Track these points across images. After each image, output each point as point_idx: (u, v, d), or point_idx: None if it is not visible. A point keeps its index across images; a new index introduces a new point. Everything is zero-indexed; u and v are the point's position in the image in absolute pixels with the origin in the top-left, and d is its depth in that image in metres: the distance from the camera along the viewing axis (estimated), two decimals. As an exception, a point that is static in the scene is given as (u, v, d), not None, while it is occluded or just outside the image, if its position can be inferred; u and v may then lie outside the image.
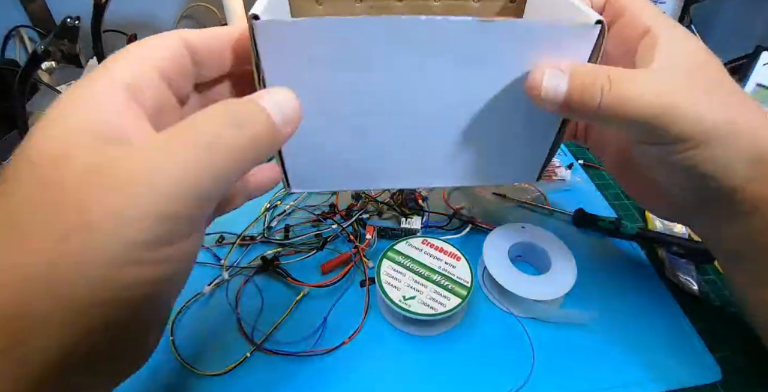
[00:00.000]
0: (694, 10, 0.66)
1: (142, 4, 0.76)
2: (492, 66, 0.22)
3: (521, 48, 0.22)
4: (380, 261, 0.29)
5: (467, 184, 0.27)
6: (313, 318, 0.29)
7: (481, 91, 0.24)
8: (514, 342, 0.28)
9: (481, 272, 0.32)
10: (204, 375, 0.26)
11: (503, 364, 0.27)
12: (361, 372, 0.26)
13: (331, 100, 0.22)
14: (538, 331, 0.28)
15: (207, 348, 0.28)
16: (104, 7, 0.42)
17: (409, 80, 0.23)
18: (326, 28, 0.20)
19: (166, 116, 0.18)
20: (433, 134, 0.25)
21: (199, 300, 0.30)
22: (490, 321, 0.29)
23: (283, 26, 0.19)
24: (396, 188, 0.28)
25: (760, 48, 0.55)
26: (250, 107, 0.16)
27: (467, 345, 0.28)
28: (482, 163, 0.27)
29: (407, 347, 0.28)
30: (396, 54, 0.21)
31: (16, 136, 0.47)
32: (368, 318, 0.29)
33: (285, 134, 0.18)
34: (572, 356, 0.27)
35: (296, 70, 0.21)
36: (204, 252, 0.34)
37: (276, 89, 0.18)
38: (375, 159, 0.26)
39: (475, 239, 0.34)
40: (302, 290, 0.30)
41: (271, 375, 0.26)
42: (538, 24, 0.21)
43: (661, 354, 0.27)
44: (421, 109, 0.24)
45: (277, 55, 0.20)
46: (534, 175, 0.28)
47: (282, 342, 0.28)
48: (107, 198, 0.12)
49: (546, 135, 0.26)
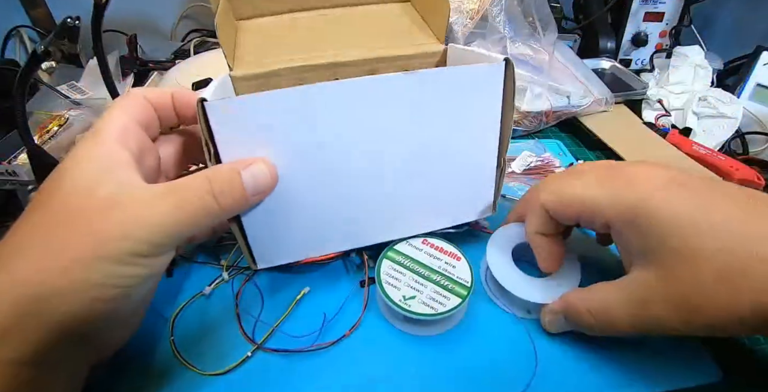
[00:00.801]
0: (694, 10, 0.66)
1: (142, 4, 0.76)
2: (426, 112, 0.25)
3: (449, 91, 0.25)
4: (380, 261, 0.29)
5: (430, 230, 0.30)
6: (313, 316, 0.29)
7: (423, 137, 0.26)
8: (515, 342, 0.28)
9: (483, 273, 0.32)
10: (205, 374, 0.26)
11: (505, 365, 0.27)
12: (359, 371, 0.26)
13: (284, 168, 0.24)
14: (540, 331, 0.28)
15: (207, 347, 0.27)
16: (104, 7, 0.41)
17: (356, 139, 0.25)
18: (269, 100, 0.22)
19: (147, 153, 0.25)
20: (389, 187, 0.27)
21: (199, 300, 0.30)
22: (491, 321, 0.29)
23: (228, 103, 0.22)
24: (364, 245, 0.29)
25: (760, 48, 0.55)
26: (231, 179, 0.22)
27: (468, 345, 0.28)
28: (439, 207, 0.29)
29: (407, 347, 0.28)
30: (337, 116, 0.24)
31: (16, 136, 0.47)
32: (367, 317, 0.29)
33: (253, 203, 0.23)
34: (573, 356, 0.27)
35: (246, 143, 0.23)
36: (204, 253, 0.34)
37: (255, 163, 0.22)
38: (338, 222, 0.27)
39: (475, 239, 0.34)
40: (302, 290, 0.30)
41: (272, 374, 0.26)
42: (461, 68, 0.25)
43: (661, 354, 0.27)
44: (371, 165, 0.26)
45: (227, 130, 0.22)
46: (490, 209, 0.31)
47: (282, 340, 0.28)
48: (117, 226, 0.20)
49: (489, 173, 0.29)
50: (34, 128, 0.50)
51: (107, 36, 0.45)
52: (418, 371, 0.26)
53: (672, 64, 0.59)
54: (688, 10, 0.65)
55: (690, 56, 0.58)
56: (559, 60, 0.54)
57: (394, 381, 0.26)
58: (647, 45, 0.66)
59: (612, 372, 0.26)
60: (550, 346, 0.27)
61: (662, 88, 0.57)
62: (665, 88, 0.57)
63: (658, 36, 0.66)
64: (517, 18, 0.49)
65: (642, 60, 0.67)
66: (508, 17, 0.49)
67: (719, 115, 0.50)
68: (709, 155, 0.46)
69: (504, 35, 0.49)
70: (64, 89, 0.55)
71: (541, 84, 0.47)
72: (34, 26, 0.71)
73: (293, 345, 0.27)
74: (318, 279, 0.31)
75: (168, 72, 0.62)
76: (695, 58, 0.58)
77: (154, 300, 0.28)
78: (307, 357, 0.27)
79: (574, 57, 0.57)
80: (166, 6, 0.78)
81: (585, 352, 0.27)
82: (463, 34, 0.49)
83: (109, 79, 0.46)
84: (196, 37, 0.75)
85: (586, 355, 0.27)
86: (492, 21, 0.49)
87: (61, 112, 0.52)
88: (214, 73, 0.57)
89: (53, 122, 0.50)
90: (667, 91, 0.57)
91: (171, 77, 0.59)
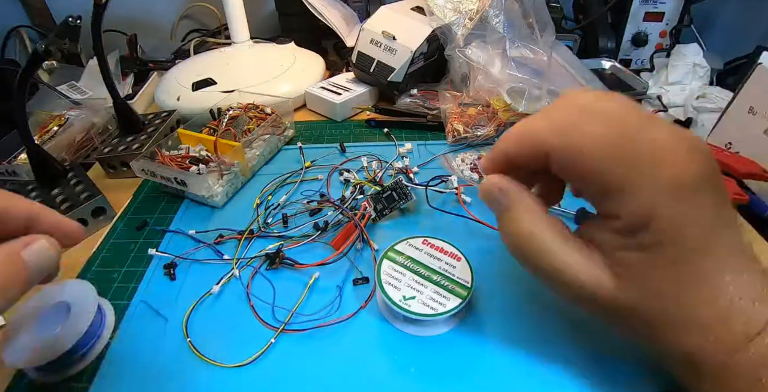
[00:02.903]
0: (694, 10, 0.66)
1: (142, 4, 0.76)
2: None
3: None
4: (380, 261, 0.29)
5: None
6: (326, 295, 0.31)
7: None
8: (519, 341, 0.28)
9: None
10: (229, 367, 0.27)
11: (503, 364, 0.27)
12: (357, 371, 0.26)
13: None
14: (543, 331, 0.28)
15: (227, 341, 0.28)
16: (104, 7, 0.42)
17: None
18: None
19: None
20: None
21: (208, 299, 0.31)
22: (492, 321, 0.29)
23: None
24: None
25: (760, 48, 0.55)
26: (11, 263, 0.19)
27: (468, 346, 0.28)
28: None
29: (406, 347, 0.28)
30: None
31: (16, 136, 0.47)
32: (364, 315, 0.29)
33: (36, 281, 0.20)
34: (574, 356, 0.27)
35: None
36: (206, 250, 0.35)
37: (36, 241, 0.20)
38: None
39: (475, 239, 0.34)
40: (313, 274, 0.31)
41: (296, 355, 0.27)
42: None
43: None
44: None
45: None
46: None
47: (300, 321, 0.29)
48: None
49: None
50: (34, 128, 0.50)
51: (107, 36, 0.45)
52: (417, 371, 0.26)
53: (671, 63, 0.59)
54: (688, 10, 0.65)
55: (689, 55, 0.58)
56: (558, 61, 0.54)
57: (392, 381, 0.26)
58: (647, 45, 0.66)
59: (611, 371, 0.26)
60: (551, 347, 0.27)
61: (661, 87, 0.58)
62: (664, 87, 0.57)
63: (658, 36, 0.66)
64: (516, 19, 0.49)
65: (642, 60, 0.67)
66: (508, 18, 0.49)
67: (718, 110, 0.50)
68: (714, 150, 0.45)
69: (503, 36, 0.49)
70: (64, 89, 0.55)
71: (539, 86, 0.47)
72: (34, 26, 0.71)
73: (311, 323, 0.29)
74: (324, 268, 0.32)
75: (168, 72, 0.62)
76: (694, 58, 0.58)
77: (162, 305, 0.29)
78: (325, 330, 0.29)
79: (573, 58, 0.57)
80: (166, 6, 0.78)
81: (585, 352, 0.27)
82: (462, 35, 0.49)
83: (109, 79, 0.46)
84: (196, 37, 0.75)
85: (587, 355, 0.27)
86: (491, 22, 0.49)
87: (61, 112, 0.52)
88: (214, 73, 0.57)
89: (53, 122, 0.50)
90: (666, 90, 0.57)
91: (171, 77, 0.59)
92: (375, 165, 0.43)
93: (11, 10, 0.70)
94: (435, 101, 0.53)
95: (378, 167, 0.43)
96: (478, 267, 0.29)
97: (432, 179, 0.38)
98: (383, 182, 0.40)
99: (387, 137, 0.49)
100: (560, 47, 0.56)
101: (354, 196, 0.38)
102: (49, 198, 0.40)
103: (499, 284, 0.31)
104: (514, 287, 0.31)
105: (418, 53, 0.51)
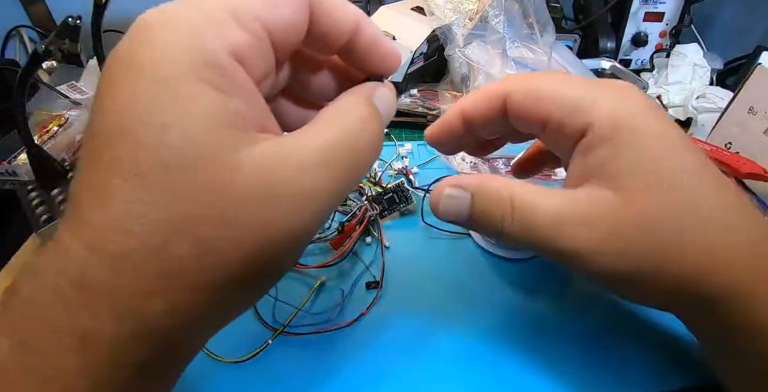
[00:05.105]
0: (694, 11, 0.66)
1: (142, 4, 0.76)
2: None
3: None
4: None
5: None
6: (330, 300, 0.30)
7: None
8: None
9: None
10: (228, 362, 0.27)
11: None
12: (357, 373, 0.26)
13: None
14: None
15: (225, 336, 0.28)
16: (104, 7, 0.41)
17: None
18: None
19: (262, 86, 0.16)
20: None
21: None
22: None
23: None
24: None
25: (760, 48, 0.55)
26: (370, 106, 0.17)
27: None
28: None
29: (406, 350, 0.28)
30: None
31: (16, 136, 0.47)
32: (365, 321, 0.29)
33: (385, 126, 0.19)
34: (573, 356, 0.27)
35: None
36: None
37: (379, 87, 0.19)
38: None
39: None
40: (319, 278, 0.31)
41: (295, 357, 0.27)
42: None
43: (662, 353, 0.27)
44: None
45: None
46: None
47: (302, 324, 0.29)
48: (283, 219, 0.14)
49: None
50: (34, 128, 0.50)
51: (107, 36, 0.45)
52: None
53: (671, 63, 0.59)
54: (688, 10, 0.65)
55: (689, 55, 0.58)
56: (558, 61, 0.54)
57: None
58: (647, 45, 0.66)
59: (612, 371, 0.26)
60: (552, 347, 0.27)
61: (661, 87, 0.58)
62: (664, 87, 0.57)
63: (658, 36, 0.66)
64: (516, 19, 0.49)
65: (642, 60, 0.67)
66: (507, 18, 0.49)
67: (718, 110, 0.50)
68: (713, 150, 0.45)
69: (503, 36, 0.49)
70: (64, 89, 0.55)
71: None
72: (34, 26, 0.71)
73: (313, 327, 0.28)
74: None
75: (168, 72, 0.61)
76: (694, 58, 0.58)
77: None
78: (327, 335, 0.28)
79: (573, 58, 0.57)
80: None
81: (585, 352, 0.27)
82: (462, 34, 0.49)
83: (109, 80, 0.46)
84: (196, 37, 0.75)
85: (586, 355, 0.27)
86: (491, 22, 0.49)
87: (61, 112, 0.52)
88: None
89: (53, 122, 0.50)
90: (666, 90, 0.57)
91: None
92: (375, 165, 0.43)
93: (11, 10, 0.70)
94: (435, 101, 0.53)
95: (378, 167, 0.43)
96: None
97: (433, 182, 0.38)
98: (383, 183, 0.40)
99: (387, 136, 0.49)
100: (560, 47, 0.56)
101: (354, 198, 0.38)
102: (49, 198, 0.40)
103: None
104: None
105: (418, 53, 0.51)
